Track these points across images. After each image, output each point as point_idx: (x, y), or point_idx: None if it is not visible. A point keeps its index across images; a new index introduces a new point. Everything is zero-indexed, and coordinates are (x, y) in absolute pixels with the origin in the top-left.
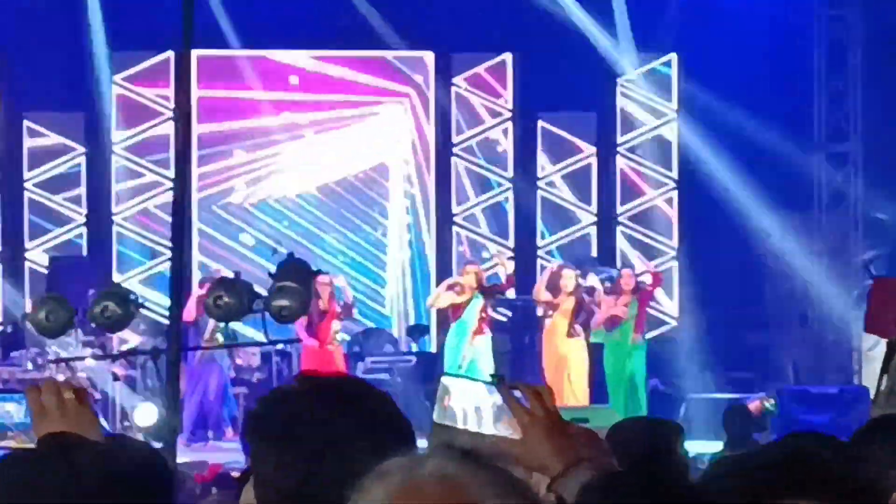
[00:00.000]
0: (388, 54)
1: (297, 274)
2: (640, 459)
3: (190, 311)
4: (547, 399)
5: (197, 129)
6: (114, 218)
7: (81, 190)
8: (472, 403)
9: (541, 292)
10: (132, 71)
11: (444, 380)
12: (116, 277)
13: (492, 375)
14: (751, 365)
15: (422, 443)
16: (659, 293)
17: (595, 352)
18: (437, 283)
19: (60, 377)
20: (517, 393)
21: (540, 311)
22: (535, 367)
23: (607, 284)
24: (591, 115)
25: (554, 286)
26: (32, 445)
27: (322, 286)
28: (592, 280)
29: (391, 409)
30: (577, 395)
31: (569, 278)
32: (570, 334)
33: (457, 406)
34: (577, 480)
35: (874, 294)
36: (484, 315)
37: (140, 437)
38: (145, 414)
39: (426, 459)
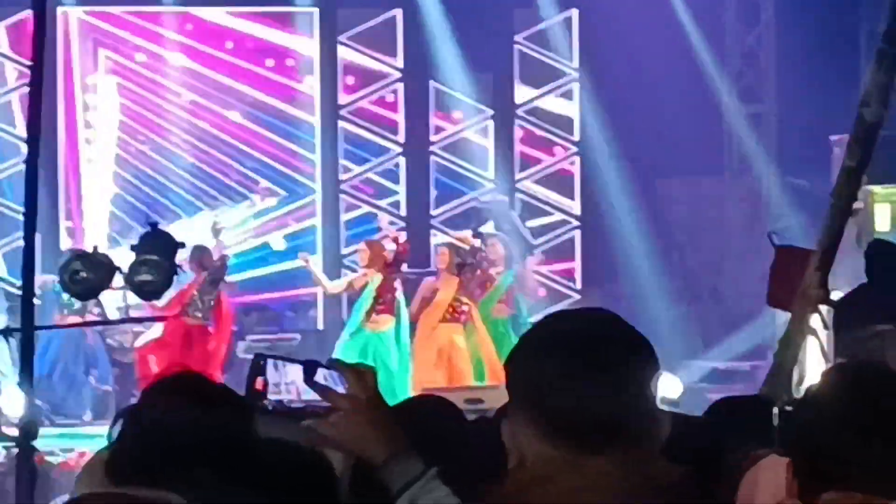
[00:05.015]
0: (272, 10)
1: (160, 246)
2: None
3: None
4: (369, 381)
5: None
6: None
7: None
8: (287, 384)
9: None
10: None
11: (256, 358)
12: None
13: (307, 361)
14: (659, 341)
15: None
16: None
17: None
18: (324, 254)
19: None
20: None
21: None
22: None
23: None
24: (487, 77)
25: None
26: None
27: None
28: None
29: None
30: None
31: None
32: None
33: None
34: (404, 470)
35: (776, 265)
36: (383, 295)
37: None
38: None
39: None
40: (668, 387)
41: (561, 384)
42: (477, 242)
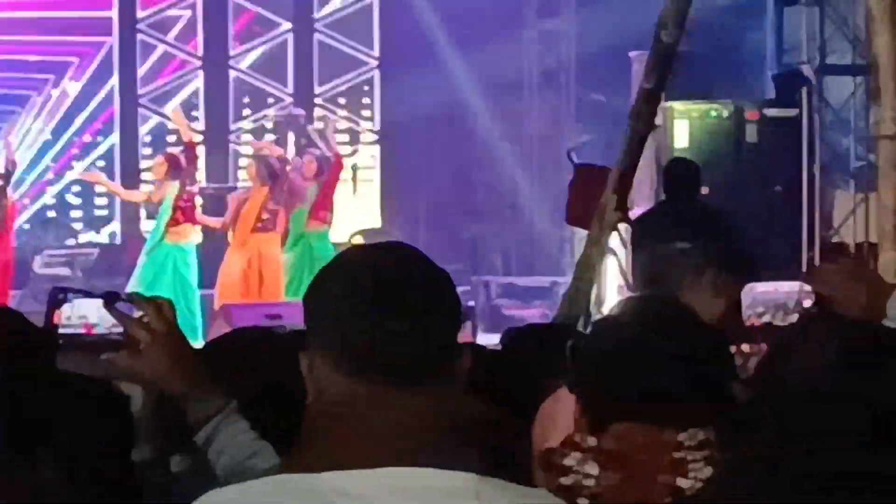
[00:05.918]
0: None
1: None
2: None
3: None
4: (167, 313)
5: None
6: None
7: None
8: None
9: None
10: None
11: (55, 291)
12: None
13: (107, 293)
14: (459, 256)
15: None
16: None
17: None
18: (121, 168)
19: None
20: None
21: None
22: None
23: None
24: None
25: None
26: None
27: None
28: None
29: None
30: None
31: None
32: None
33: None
34: (201, 405)
35: (575, 184)
36: (182, 206)
37: None
38: None
39: None
40: None
41: (361, 320)
42: (281, 151)
